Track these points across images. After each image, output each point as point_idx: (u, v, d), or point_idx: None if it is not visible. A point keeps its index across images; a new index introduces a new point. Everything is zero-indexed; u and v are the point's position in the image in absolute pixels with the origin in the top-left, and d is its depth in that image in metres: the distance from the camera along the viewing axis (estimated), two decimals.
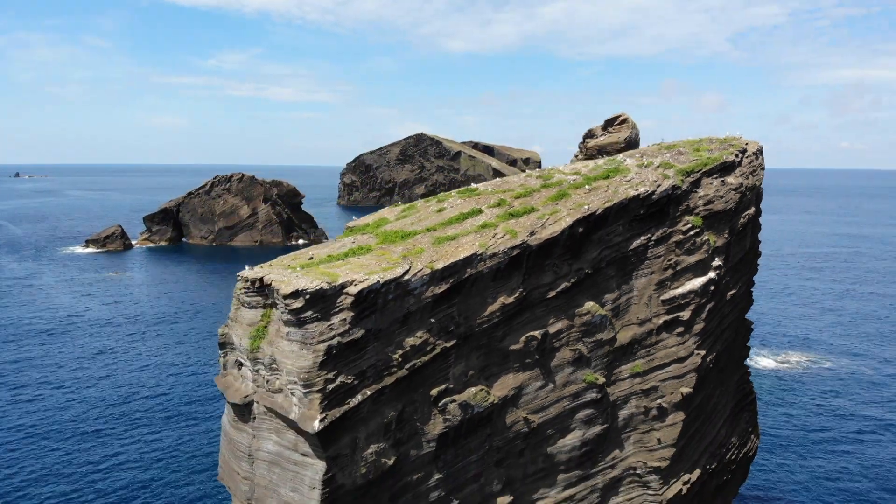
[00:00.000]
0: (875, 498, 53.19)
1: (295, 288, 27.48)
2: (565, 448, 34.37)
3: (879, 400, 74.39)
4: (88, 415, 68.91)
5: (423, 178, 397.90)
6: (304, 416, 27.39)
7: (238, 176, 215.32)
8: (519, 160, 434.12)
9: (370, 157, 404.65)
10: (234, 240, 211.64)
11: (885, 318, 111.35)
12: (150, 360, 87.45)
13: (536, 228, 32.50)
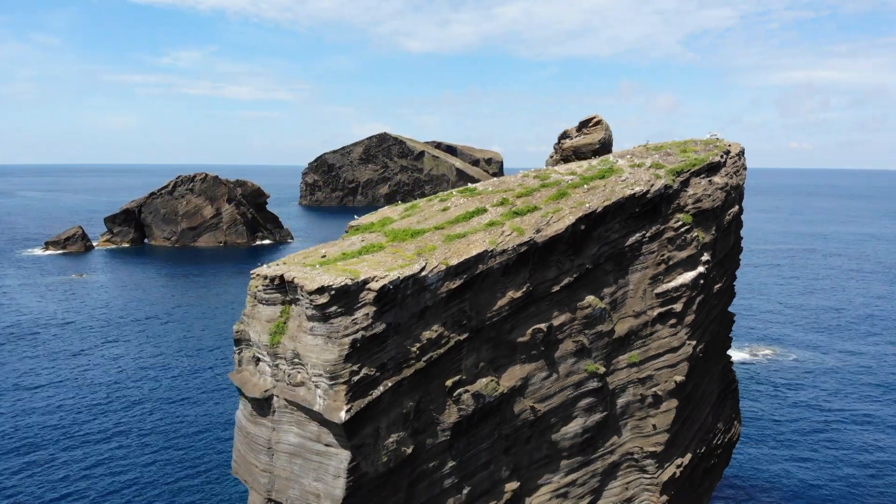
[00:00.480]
0: (845, 482, 56.30)
1: (320, 284, 28.55)
2: (568, 435, 36.05)
3: (839, 390, 78.07)
4: (71, 420, 68.44)
5: (387, 178, 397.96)
6: (329, 407, 28.48)
7: (201, 176, 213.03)
8: (482, 160, 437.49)
9: (333, 157, 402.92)
10: (198, 240, 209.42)
11: (842, 312, 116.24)
12: (128, 364, 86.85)
13: (541, 226, 34.09)
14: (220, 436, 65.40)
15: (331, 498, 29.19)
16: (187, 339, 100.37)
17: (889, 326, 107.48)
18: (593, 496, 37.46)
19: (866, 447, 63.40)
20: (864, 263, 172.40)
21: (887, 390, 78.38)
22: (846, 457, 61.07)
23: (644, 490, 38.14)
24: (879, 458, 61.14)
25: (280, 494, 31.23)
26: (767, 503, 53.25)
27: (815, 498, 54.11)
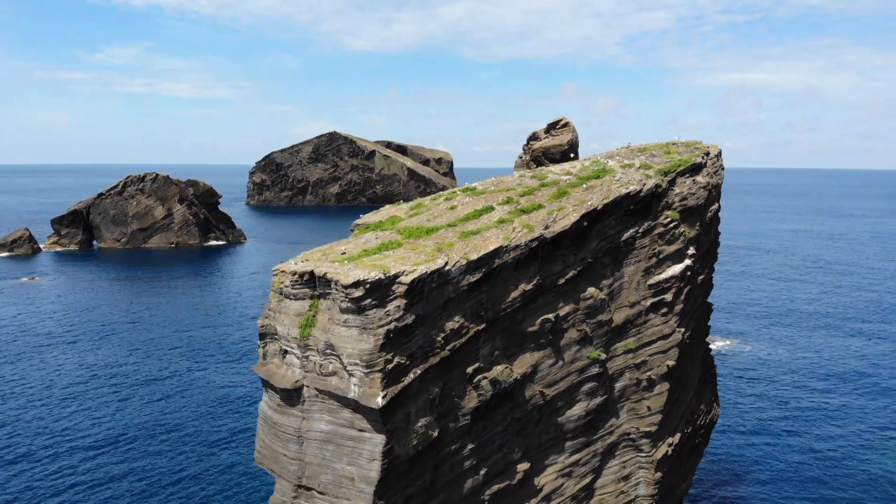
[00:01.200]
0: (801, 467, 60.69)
1: (356, 279, 30.29)
2: (572, 418, 38.60)
3: (794, 380, 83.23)
4: (25, 433, 67.98)
5: (337, 178, 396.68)
6: (365, 394, 30.26)
7: (152, 176, 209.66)
8: (432, 160, 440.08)
9: (281, 156, 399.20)
10: (149, 242, 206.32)
11: (791, 305, 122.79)
12: (98, 371, 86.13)
13: (549, 223, 36.52)
14: (206, 439, 66.00)
15: (366, 480, 30.98)
16: (154, 341, 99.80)
17: (834, 319, 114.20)
18: (594, 475, 40.15)
19: (815, 429, 68.18)
20: (801, 259, 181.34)
21: (829, 378, 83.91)
22: (802, 444, 65.60)
23: (640, 468, 41.02)
24: (827, 437, 65.91)
25: (311, 480, 32.82)
26: (737, 475, 57.13)
27: (783, 470, 58.28)
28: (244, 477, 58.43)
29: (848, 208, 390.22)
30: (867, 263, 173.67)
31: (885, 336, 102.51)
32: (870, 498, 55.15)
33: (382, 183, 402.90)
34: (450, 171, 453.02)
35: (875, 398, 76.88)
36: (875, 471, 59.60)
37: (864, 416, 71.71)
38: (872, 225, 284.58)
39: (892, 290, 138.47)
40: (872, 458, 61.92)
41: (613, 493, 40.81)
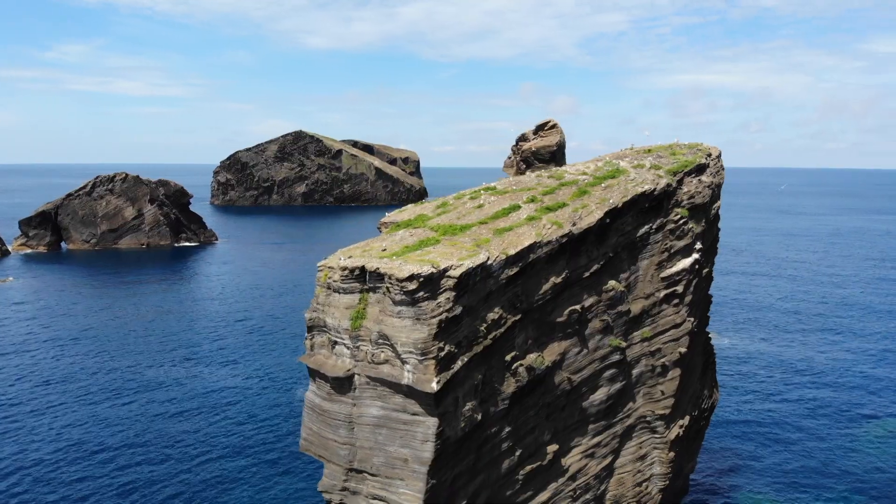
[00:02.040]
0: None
1: (410, 273, 32.40)
2: (595, 402, 41.29)
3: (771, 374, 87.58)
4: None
5: (304, 177, 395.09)
6: (419, 379, 32.39)
7: (121, 176, 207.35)
8: (399, 159, 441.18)
9: (246, 155, 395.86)
10: (119, 243, 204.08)
11: (757, 302, 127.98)
12: (76, 372, 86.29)
13: (576, 220, 39.09)
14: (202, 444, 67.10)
15: (419, 461, 33.12)
16: (132, 345, 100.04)
17: (803, 315, 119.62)
18: (614, 456, 42.93)
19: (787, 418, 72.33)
20: (754, 257, 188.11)
21: (784, 370, 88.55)
22: (777, 434, 69.56)
23: (654, 448, 43.94)
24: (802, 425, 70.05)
25: (363, 463, 34.83)
26: (730, 455, 60.68)
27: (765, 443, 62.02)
28: (226, 481, 59.90)
29: (802, 206, 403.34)
30: (828, 260, 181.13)
31: (841, 330, 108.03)
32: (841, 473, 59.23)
33: (350, 182, 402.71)
34: (416, 170, 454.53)
35: (838, 384, 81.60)
36: (856, 454, 63.82)
37: (833, 400, 76.24)
38: (826, 222, 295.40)
39: (854, 286, 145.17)
40: (842, 442, 66.21)
41: (631, 473, 43.65)
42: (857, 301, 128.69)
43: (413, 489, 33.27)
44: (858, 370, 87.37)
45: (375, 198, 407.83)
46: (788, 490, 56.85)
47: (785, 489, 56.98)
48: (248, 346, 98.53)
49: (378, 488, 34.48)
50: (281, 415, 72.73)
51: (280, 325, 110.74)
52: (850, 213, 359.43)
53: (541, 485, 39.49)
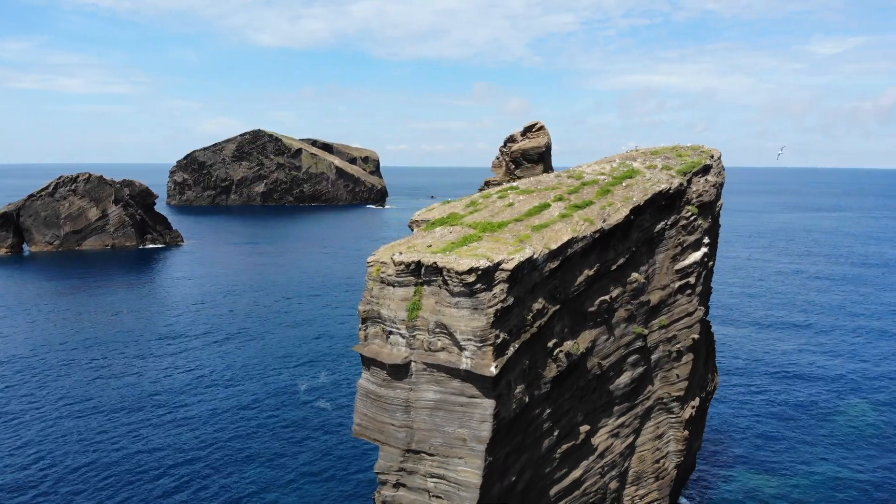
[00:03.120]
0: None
1: (469, 266, 35.08)
2: (620, 385, 44.60)
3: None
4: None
5: (263, 176, 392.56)
6: (478, 364, 35.10)
7: (84, 176, 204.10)
8: (359, 158, 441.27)
9: (203, 154, 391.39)
10: (83, 244, 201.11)
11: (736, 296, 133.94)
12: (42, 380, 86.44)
13: (605, 216, 42.30)
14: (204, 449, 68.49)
15: (478, 439, 35.84)
16: (106, 351, 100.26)
17: (775, 305, 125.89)
18: (635, 435, 46.34)
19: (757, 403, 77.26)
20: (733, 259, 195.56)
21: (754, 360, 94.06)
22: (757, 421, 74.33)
23: (670, 427, 47.52)
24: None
25: (421, 444, 37.37)
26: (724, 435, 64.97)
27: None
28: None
29: (748, 204, 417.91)
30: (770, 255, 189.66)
31: (776, 322, 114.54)
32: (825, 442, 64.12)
33: (310, 182, 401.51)
34: (377, 169, 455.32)
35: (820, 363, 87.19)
36: (838, 420, 68.90)
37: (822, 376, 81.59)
38: (770, 219, 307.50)
39: (810, 280, 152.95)
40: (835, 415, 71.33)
41: (650, 450, 47.14)
42: (793, 294, 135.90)
43: (472, 466, 35.99)
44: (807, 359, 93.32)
45: (336, 197, 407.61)
46: (783, 463, 61.35)
47: (781, 463, 61.47)
48: (228, 351, 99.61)
49: (436, 467, 37.07)
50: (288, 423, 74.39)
51: (262, 326, 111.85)
52: (793, 210, 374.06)
53: (574, 463, 42.64)
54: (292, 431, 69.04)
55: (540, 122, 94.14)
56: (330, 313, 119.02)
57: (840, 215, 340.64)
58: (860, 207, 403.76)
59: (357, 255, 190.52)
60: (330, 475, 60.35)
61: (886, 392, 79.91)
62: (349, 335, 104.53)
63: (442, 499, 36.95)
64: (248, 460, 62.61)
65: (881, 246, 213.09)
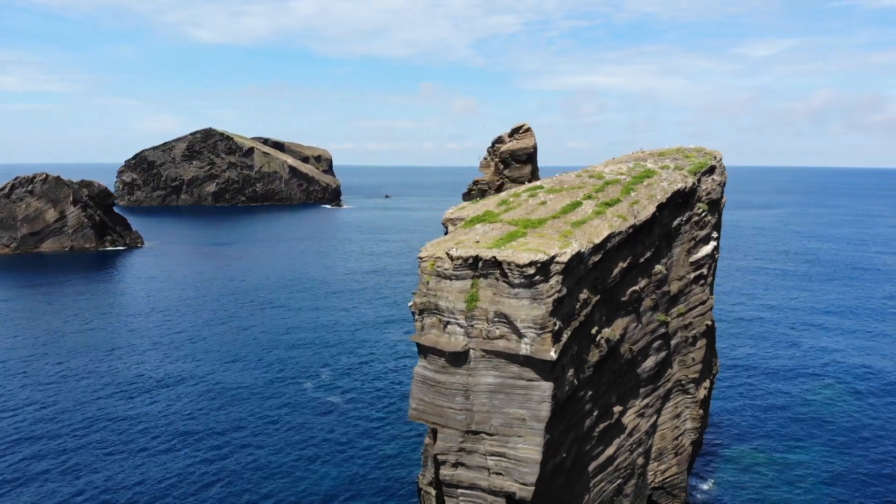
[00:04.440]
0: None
1: (529, 259, 38.14)
2: (646, 369, 48.35)
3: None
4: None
5: (215, 176, 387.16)
6: (538, 350, 38.20)
7: (42, 177, 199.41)
8: (311, 157, 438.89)
9: (153, 154, 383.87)
10: (41, 246, 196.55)
11: None
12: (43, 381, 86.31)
13: (635, 213, 45.91)
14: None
15: (537, 419, 38.93)
16: (69, 356, 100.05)
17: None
18: (657, 415, 50.19)
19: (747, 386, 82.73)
20: None
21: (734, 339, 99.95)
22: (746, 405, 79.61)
23: (687, 407, 51.57)
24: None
25: (481, 425, 40.22)
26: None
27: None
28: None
29: None
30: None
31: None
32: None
33: (263, 181, 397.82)
34: (329, 168, 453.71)
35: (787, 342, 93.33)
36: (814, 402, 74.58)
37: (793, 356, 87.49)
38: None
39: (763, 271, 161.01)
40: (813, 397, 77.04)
41: (670, 428, 51.09)
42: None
43: (532, 444, 39.06)
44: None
45: (290, 197, 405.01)
46: (779, 440, 66.40)
47: (777, 441, 66.49)
48: (200, 357, 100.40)
49: (496, 446, 40.00)
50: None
51: (234, 328, 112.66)
52: (739, 207, 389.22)
53: (608, 441, 46.17)
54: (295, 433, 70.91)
55: (526, 124, 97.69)
56: (309, 314, 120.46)
57: (780, 212, 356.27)
58: (797, 203, 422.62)
59: (325, 256, 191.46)
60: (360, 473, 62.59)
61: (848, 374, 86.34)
62: (336, 334, 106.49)
63: (502, 475, 39.92)
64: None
65: (831, 242, 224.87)
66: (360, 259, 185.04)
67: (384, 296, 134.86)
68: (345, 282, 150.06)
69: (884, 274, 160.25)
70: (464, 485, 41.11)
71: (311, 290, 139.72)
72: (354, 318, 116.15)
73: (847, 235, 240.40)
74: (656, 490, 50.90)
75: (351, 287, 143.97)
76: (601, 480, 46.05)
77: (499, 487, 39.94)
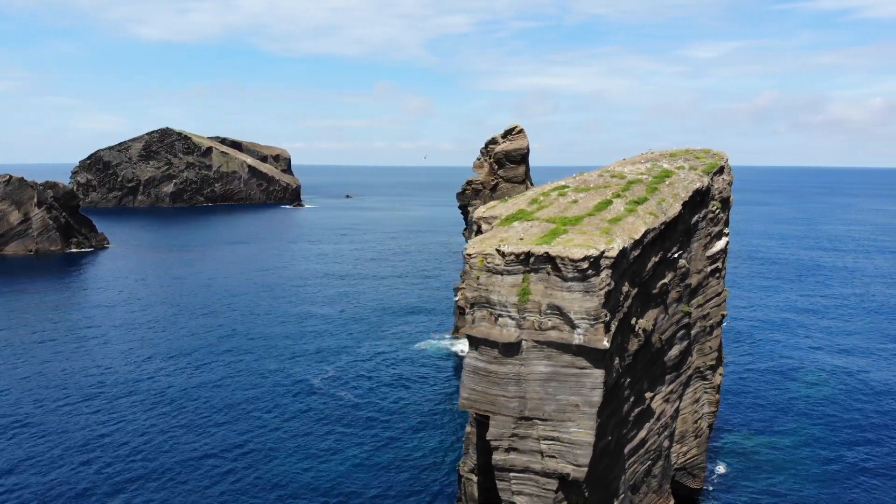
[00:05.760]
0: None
1: (584, 254, 40.74)
2: (672, 357, 51.51)
3: None
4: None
5: (172, 176, 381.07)
6: (591, 339, 40.83)
7: (4, 178, 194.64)
8: (269, 157, 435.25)
9: (108, 154, 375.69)
10: (5, 249, 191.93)
11: None
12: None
13: (664, 210, 48.97)
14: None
15: (589, 404, 41.56)
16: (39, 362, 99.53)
17: None
18: (679, 400, 53.43)
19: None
20: None
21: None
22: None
23: (705, 392, 55.01)
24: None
25: (534, 412, 42.65)
26: None
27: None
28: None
29: None
30: None
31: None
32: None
33: (221, 181, 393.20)
34: (288, 168, 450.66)
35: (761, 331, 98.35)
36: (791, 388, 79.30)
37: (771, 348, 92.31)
38: None
39: None
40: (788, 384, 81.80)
41: (690, 412, 54.43)
42: None
43: (585, 427, 41.67)
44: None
45: (249, 197, 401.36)
46: (771, 421, 70.62)
47: (768, 422, 70.69)
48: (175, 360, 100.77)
49: (549, 430, 42.49)
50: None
51: (209, 327, 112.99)
52: None
53: (641, 424, 49.14)
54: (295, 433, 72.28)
55: (519, 126, 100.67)
56: (296, 312, 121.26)
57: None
58: (744, 202, 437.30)
59: (297, 256, 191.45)
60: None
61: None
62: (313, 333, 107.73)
63: (556, 457, 42.44)
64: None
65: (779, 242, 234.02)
66: (332, 262, 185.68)
67: (378, 298, 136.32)
68: (321, 286, 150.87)
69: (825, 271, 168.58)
70: (517, 468, 43.48)
71: (291, 293, 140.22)
72: (350, 324, 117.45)
73: (788, 233, 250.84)
74: (678, 471, 54.15)
75: (335, 291, 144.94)
76: (634, 462, 48.98)
77: (552, 469, 42.46)
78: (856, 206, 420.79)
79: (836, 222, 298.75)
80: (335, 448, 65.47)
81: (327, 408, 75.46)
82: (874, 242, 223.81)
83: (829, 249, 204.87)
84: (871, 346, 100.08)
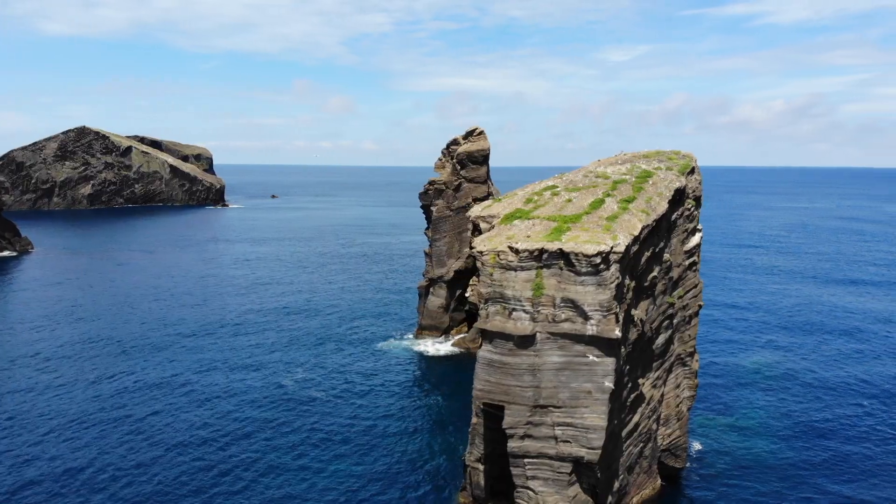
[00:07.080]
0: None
1: (597, 250, 43.53)
2: (658, 345, 55.08)
3: None
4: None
5: (90, 177, 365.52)
6: (604, 330, 43.69)
7: None
8: (190, 156, 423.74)
9: (22, 154, 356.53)
10: None
11: None
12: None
13: (653, 208, 52.40)
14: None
15: (601, 390, 44.42)
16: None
17: None
18: (664, 385, 57.14)
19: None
20: None
21: None
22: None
23: (685, 378, 58.96)
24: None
25: (549, 399, 45.20)
26: None
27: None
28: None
29: None
30: None
31: None
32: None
33: (142, 181, 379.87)
34: (210, 167, 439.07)
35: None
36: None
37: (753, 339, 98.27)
38: None
39: None
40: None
41: (673, 397, 58.23)
42: None
43: (598, 412, 44.52)
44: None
45: (172, 198, 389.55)
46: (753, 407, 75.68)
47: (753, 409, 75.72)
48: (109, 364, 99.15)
49: (563, 417, 45.12)
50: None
51: (146, 330, 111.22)
52: None
53: (634, 409, 52.44)
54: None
55: (480, 128, 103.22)
56: (224, 314, 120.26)
57: None
58: None
59: (230, 258, 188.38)
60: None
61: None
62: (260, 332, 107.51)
63: (570, 442, 45.10)
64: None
65: None
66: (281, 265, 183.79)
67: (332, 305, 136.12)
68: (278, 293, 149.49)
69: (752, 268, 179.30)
70: (532, 454, 45.94)
71: (238, 300, 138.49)
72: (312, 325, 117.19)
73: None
74: (664, 452, 57.84)
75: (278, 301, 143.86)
76: (630, 444, 52.26)
77: (567, 454, 45.13)
78: (761, 203, 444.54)
79: (752, 219, 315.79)
80: (309, 466, 65.94)
81: (297, 418, 75.59)
82: (785, 238, 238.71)
83: (745, 246, 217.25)
84: (793, 335, 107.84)
